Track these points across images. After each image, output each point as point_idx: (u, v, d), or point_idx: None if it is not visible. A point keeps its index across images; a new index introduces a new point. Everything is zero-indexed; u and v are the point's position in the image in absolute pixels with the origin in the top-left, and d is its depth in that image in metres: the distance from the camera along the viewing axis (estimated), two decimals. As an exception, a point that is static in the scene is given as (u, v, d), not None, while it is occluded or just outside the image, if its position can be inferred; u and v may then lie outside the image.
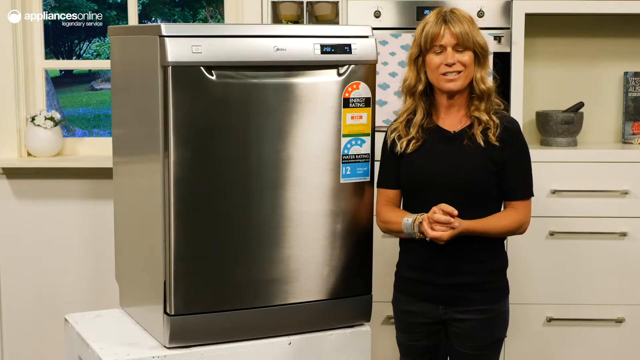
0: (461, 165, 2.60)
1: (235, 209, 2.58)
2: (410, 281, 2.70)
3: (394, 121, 2.74)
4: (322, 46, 2.63)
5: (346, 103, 2.67)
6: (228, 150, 2.56)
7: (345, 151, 2.69)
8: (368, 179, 2.74)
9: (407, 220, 2.60)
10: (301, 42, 2.61)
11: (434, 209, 2.53)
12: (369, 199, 2.75)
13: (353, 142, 2.70)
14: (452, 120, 2.66)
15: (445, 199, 2.58)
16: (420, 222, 2.55)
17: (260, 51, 2.55)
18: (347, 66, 2.66)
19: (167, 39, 2.44)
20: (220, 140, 2.54)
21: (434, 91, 2.66)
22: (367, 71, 2.69)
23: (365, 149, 2.72)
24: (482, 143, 2.59)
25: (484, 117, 2.61)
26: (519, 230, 2.67)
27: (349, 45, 2.66)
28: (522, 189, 2.66)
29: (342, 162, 2.69)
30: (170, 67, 2.43)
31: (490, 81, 2.66)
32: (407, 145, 2.65)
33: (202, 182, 2.53)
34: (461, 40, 2.57)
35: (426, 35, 2.60)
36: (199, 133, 2.52)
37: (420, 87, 2.65)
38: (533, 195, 2.69)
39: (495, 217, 2.63)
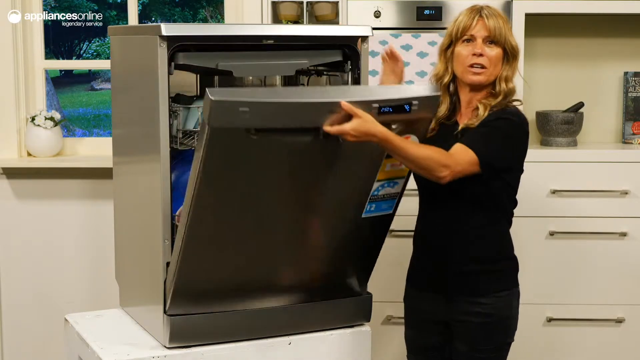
0: None
1: (239, 215, 2.49)
2: (418, 272, 2.73)
3: None
4: (381, 106, 2.37)
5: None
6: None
7: (376, 192, 2.57)
8: (391, 212, 2.64)
9: None
10: (357, 103, 2.33)
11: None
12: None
13: (386, 185, 2.57)
14: (467, 117, 2.64)
15: (432, 188, 2.57)
16: None
17: (310, 119, 2.35)
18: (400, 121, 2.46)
19: (213, 101, 2.18)
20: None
21: (457, 86, 2.65)
22: (420, 124, 2.51)
23: (397, 188, 2.60)
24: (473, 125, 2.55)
25: (482, 108, 2.56)
26: (437, 172, 2.44)
27: (409, 104, 2.41)
28: (472, 138, 2.50)
29: (369, 201, 2.58)
30: (212, 127, 2.23)
31: (513, 83, 2.60)
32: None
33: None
34: (493, 34, 2.55)
35: (458, 25, 2.59)
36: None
37: (446, 78, 2.63)
38: (479, 155, 2.47)
39: (417, 144, 2.48)
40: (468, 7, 2.62)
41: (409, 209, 2.79)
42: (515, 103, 2.63)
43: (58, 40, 5.08)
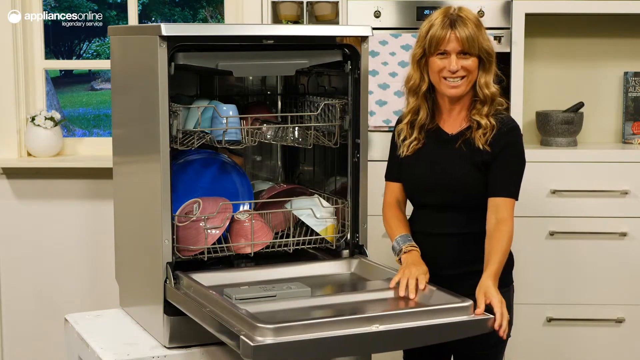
0: (452, 168, 2.58)
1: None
2: None
3: (400, 122, 2.70)
4: None
5: None
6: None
7: None
8: None
9: (395, 245, 2.62)
10: None
11: (409, 282, 2.46)
12: None
13: None
14: (453, 122, 2.64)
15: (440, 201, 2.59)
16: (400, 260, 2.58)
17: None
18: None
19: (254, 347, 2.10)
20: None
21: (436, 92, 2.64)
22: None
23: None
24: (480, 145, 2.56)
25: (484, 121, 2.58)
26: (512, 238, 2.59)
27: None
28: (506, 186, 2.56)
29: None
30: None
31: (494, 86, 2.60)
32: (408, 148, 2.65)
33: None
34: (467, 46, 2.53)
35: (431, 39, 2.55)
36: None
37: (424, 87, 2.62)
38: (517, 199, 2.58)
39: (496, 248, 2.51)
40: (439, 13, 2.57)
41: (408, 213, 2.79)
42: (500, 108, 2.63)
43: (58, 40, 5.07)
